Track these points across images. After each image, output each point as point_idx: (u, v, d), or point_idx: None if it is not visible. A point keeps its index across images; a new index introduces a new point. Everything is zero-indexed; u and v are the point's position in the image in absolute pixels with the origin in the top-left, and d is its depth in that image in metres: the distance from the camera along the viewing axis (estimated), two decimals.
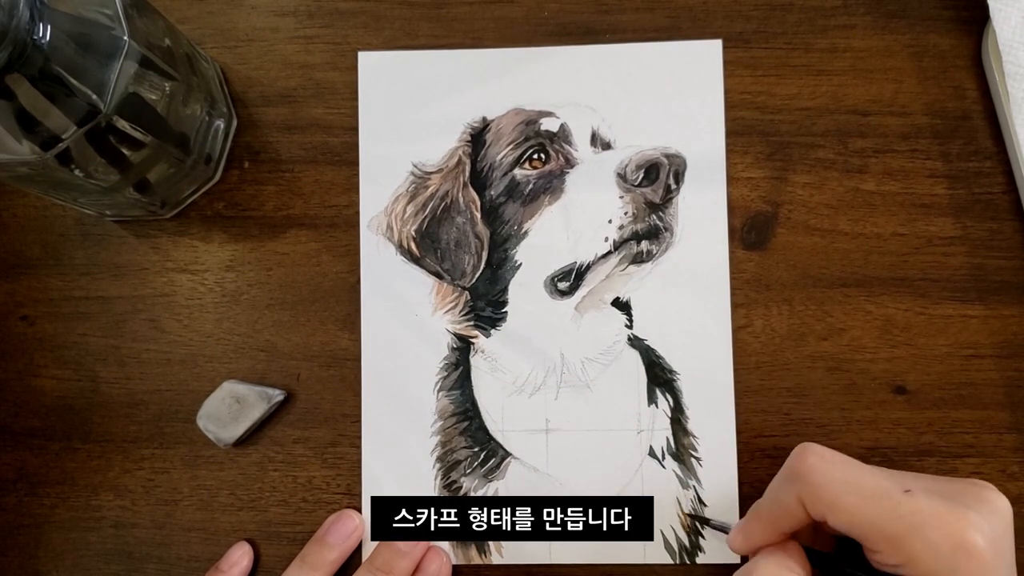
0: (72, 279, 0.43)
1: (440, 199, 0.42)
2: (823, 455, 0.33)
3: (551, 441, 0.41)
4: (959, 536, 0.29)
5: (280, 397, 0.42)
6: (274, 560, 0.42)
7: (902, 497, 0.31)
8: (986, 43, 0.41)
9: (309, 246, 0.43)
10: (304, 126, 0.43)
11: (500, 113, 0.42)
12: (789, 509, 0.33)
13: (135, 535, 0.42)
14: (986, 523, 0.30)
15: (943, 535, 0.30)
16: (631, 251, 0.41)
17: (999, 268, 0.41)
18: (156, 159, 0.38)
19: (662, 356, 0.41)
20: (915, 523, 0.30)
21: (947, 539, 0.30)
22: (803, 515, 0.33)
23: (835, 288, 0.41)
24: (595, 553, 0.41)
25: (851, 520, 0.31)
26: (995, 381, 0.41)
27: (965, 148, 0.42)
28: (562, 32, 0.43)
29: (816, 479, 0.32)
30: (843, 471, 0.32)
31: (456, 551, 0.41)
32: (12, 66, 0.30)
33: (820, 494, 0.32)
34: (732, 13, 0.43)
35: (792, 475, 0.33)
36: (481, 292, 0.42)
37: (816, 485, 0.32)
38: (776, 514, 0.34)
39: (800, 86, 0.42)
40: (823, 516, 0.32)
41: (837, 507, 0.32)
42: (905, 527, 0.30)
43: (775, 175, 0.42)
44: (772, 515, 0.35)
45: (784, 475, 0.34)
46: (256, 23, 0.44)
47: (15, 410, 0.43)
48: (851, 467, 0.33)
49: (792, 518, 0.33)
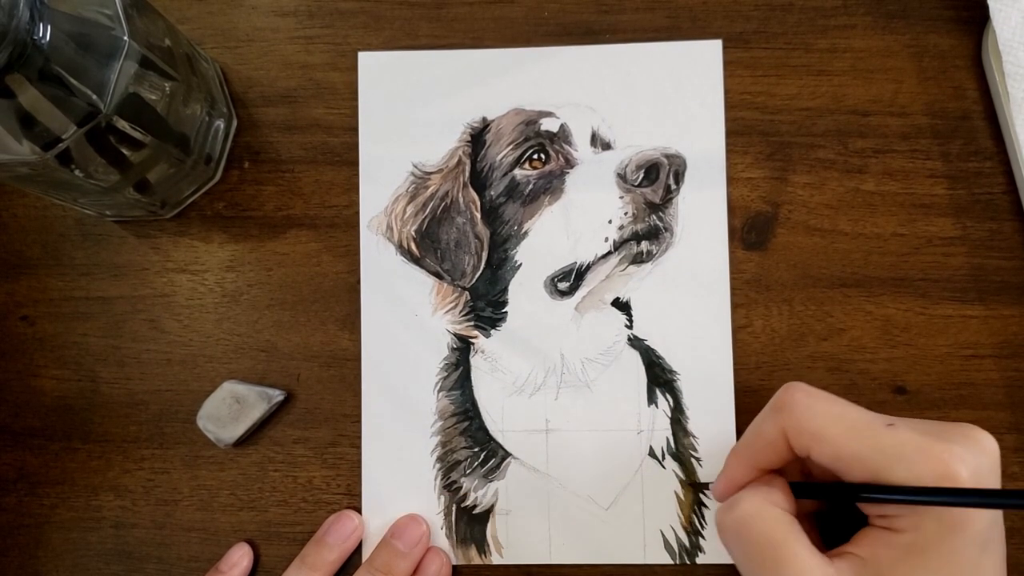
0: (72, 279, 0.43)
1: (440, 199, 0.42)
2: (808, 390, 0.33)
3: (551, 441, 0.41)
4: (942, 467, 0.29)
5: (280, 397, 0.42)
6: (274, 560, 0.42)
7: (886, 429, 0.31)
8: (986, 43, 0.41)
9: (309, 246, 0.43)
10: (304, 126, 0.43)
11: (500, 113, 0.42)
12: (771, 442, 0.33)
13: (135, 535, 0.42)
14: (971, 456, 0.29)
15: (926, 466, 0.29)
16: (631, 251, 0.41)
17: (999, 268, 0.41)
18: (156, 159, 0.38)
19: (662, 356, 0.41)
20: (898, 454, 0.30)
21: (930, 470, 0.29)
22: (785, 449, 0.33)
23: (835, 288, 0.41)
24: (595, 553, 0.41)
25: (835, 452, 0.31)
26: (995, 381, 0.41)
27: (965, 148, 0.42)
28: (562, 32, 0.43)
29: (801, 411, 0.32)
30: (828, 404, 0.32)
31: (456, 551, 0.41)
32: (12, 66, 0.30)
33: (805, 425, 0.32)
34: (732, 13, 0.43)
35: (777, 408, 0.33)
36: (481, 292, 0.42)
37: (801, 417, 0.32)
38: (756, 448, 0.34)
39: (800, 86, 0.42)
40: (807, 449, 0.32)
41: (822, 438, 0.31)
42: (888, 458, 0.30)
43: (775, 175, 0.42)
44: (752, 450, 0.34)
45: (768, 409, 0.34)
46: (256, 23, 0.44)
47: (15, 410, 0.43)
48: (836, 401, 0.32)
49: (773, 452, 0.33)
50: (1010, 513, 0.40)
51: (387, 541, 0.40)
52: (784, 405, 0.32)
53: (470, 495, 0.41)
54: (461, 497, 0.41)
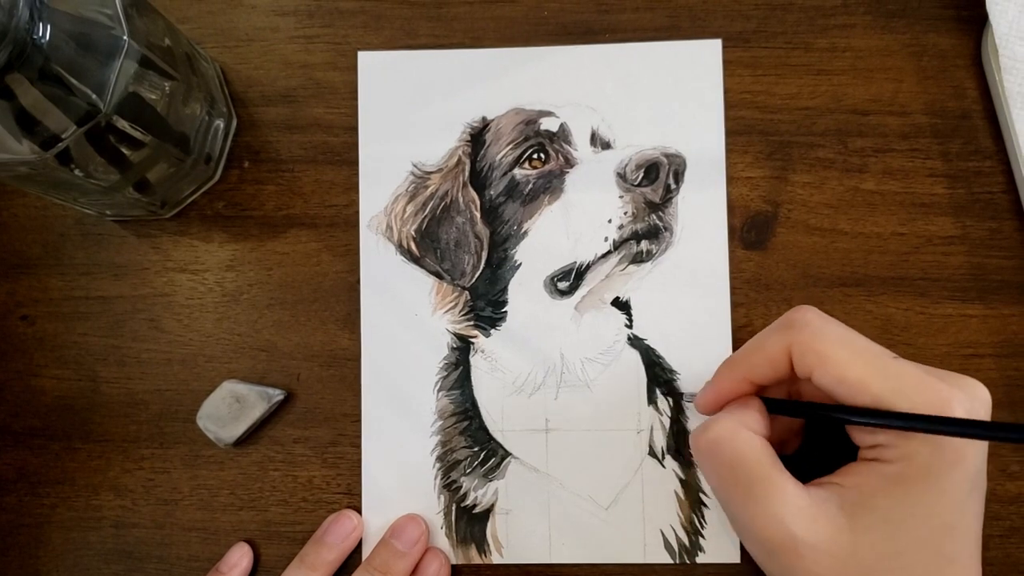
0: (72, 279, 0.43)
1: (440, 199, 0.42)
2: (820, 313, 0.33)
3: (551, 441, 0.41)
4: (941, 405, 0.29)
5: (280, 397, 0.42)
6: (274, 560, 0.42)
7: (891, 360, 0.31)
8: (986, 43, 0.41)
9: (309, 246, 0.43)
10: (304, 126, 0.43)
11: (500, 113, 0.42)
12: (771, 357, 0.33)
13: (135, 535, 0.42)
14: (968, 401, 0.30)
15: (926, 400, 0.29)
16: (631, 251, 0.41)
17: (999, 268, 0.41)
18: (156, 159, 0.38)
19: (662, 356, 0.41)
20: (901, 385, 0.30)
21: (930, 405, 0.29)
22: (784, 366, 0.33)
23: (835, 288, 0.41)
24: (595, 553, 0.41)
25: (839, 374, 0.31)
26: (995, 381, 0.41)
27: (965, 148, 0.42)
28: (562, 32, 0.43)
29: (813, 331, 0.32)
30: (839, 328, 0.32)
31: (456, 551, 0.41)
32: (12, 66, 0.30)
33: (813, 344, 0.32)
34: (732, 13, 0.43)
35: (786, 324, 0.33)
36: (481, 292, 0.42)
37: (812, 336, 0.32)
38: (753, 361, 0.34)
39: (800, 86, 0.42)
40: (809, 369, 0.32)
41: (828, 359, 0.31)
42: (891, 387, 0.30)
43: (775, 175, 0.42)
44: (750, 363, 0.34)
45: (775, 326, 0.34)
46: (256, 23, 0.44)
47: (15, 410, 0.43)
48: (847, 329, 0.33)
49: (770, 367, 0.33)
50: (1010, 512, 0.40)
51: (386, 541, 0.40)
52: (795, 323, 0.32)
53: (470, 495, 0.41)
54: (461, 497, 0.41)
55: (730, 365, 0.35)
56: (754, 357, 0.34)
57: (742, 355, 0.35)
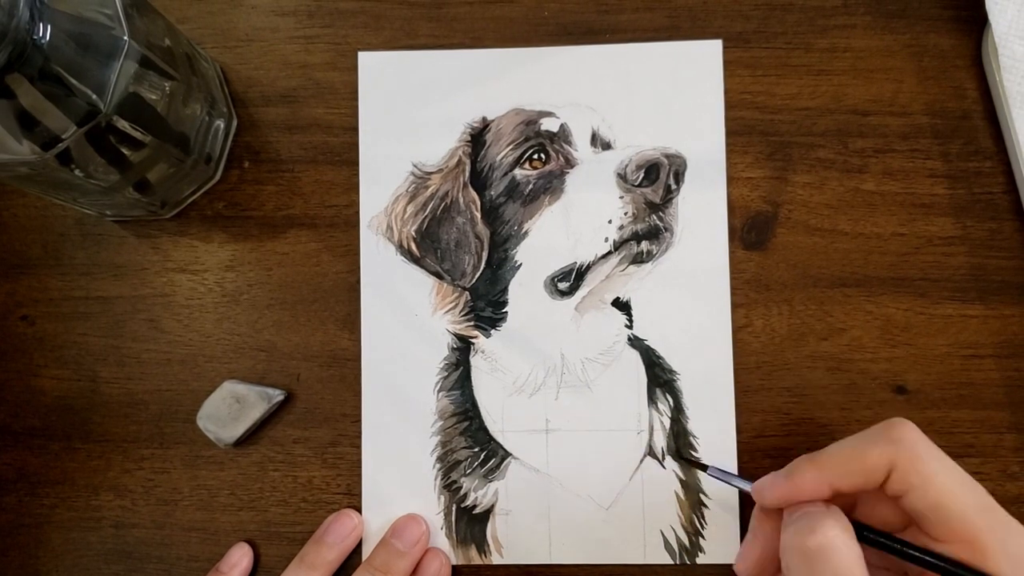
0: (72, 279, 0.43)
1: (440, 199, 0.42)
2: (923, 435, 0.32)
3: (551, 441, 0.41)
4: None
5: (280, 397, 0.42)
6: (274, 560, 0.42)
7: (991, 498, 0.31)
8: (986, 43, 0.41)
9: (309, 246, 0.43)
10: (304, 126, 0.43)
11: (500, 113, 0.42)
12: (868, 467, 0.31)
13: (135, 535, 0.42)
14: None
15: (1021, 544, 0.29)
16: (631, 251, 0.41)
17: (999, 268, 0.41)
18: (156, 159, 0.38)
19: (662, 356, 0.41)
20: (1001, 523, 0.30)
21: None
22: (878, 481, 0.31)
23: (835, 288, 0.41)
24: (595, 553, 0.41)
25: (939, 500, 0.30)
26: (995, 381, 0.41)
27: (965, 148, 0.42)
28: (562, 32, 0.43)
29: (919, 450, 0.31)
30: (942, 454, 0.32)
31: (456, 551, 0.41)
32: (12, 66, 0.30)
33: (918, 465, 0.31)
34: (732, 13, 0.43)
35: (890, 439, 0.32)
36: (481, 292, 0.42)
37: (917, 455, 0.31)
38: (849, 469, 0.32)
39: (800, 86, 0.42)
40: (907, 488, 0.31)
41: (932, 483, 0.30)
42: (989, 524, 0.30)
43: (775, 175, 0.42)
44: (844, 469, 0.32)
45: (875, 436, 0.32)
46: (256, 23, 0.44)
47: (15, 410, 0.43)
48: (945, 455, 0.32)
49: (862, 478, 0.32)
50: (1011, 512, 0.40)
51: (386, 540, 0.40)
52: (900, 439, 0.32)
53: (470, 495, 0.41)
54: (461, 497, 0.41)
55: (817, 465, 0.33)
56: (850, 464, 0.32)
57: (835, 460, 0.33)
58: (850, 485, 0.32)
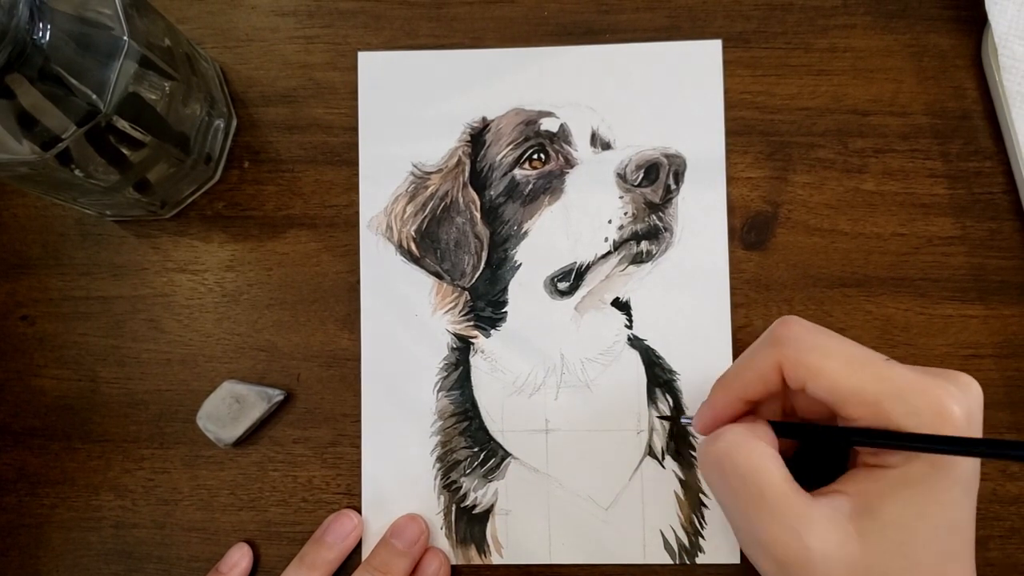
0: (72, 279, 0.43)
1: (440, 199, 0.42)
2: (805, 324, 0.33)
3: (551, 441, 0.41)
4: (938, 403, 0.30)
5: (280, 397, 0.42)
6: (274, 560, 0.42)
7: (884, 364, 0.31)
8: (986, 43, 0.41)
9: (309, 246, 0.43)
10: (304, 126, 0.43)
11: (500, 113, 0.42)
12: (763, 374, 0.33)
13: (135, 535, 0.42)
14: (963, 397, 0.30)
15: (924, 400, 0.30)
16: (631, 251, 0.41)
17: (999, 268, 0.41)
18: (156, 159, 0.38)
19: (662, 356, 0.41)
20: (897, 387, 0.30)
21: (927, 405, 0.30)
22: (776, 382, 0.32)
23: (835, 288, 0.41)
24: (595, 553, 0.41)
25: (833, 385, 0.31)
26: (995, 381, 0.41)
27: (965, 148, 0.42)
28: (562, 32, 0.43)
29: (801, 344, 0.32)
30: (827, 338, 0.32)
31: (456, 551, 0.41)
32: (12, 66, 0.30)
33: (803, 359, 0.31)
34: (732, 13, 0.43)
35: (773, 340, 0.33)
36: (481, 292, 0.42)
37: (800, 350, 0.32)
38: (747, 380, 0.33)
39: (800, 86, 0.42)
40: (802, 382, 0.32)
41: (820, 372, 0.31)
42: (887, 390, 0.30)
43: (775, 175, 0.42)
44: (742, 382, 0.34)
45: (762, 341, 0.33)
46: (256, 23, 0.44)
47: (15, 410, 0.43)
48: (833, 336, 0.32)
49: (763, 384, 0.33)
50: (1010, 513, 0.40)
51: (386, 540, 0.40)
52: (781, 337, 0.32)
53: (470, 495, 0.41)
54: (461, 497, 0.41)
55: (723, 385, 0.35)
56: (747, 375, 0.34)
57: (734, 374, 0.34)
58: (756, 394, 0.33)
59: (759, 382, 0.33)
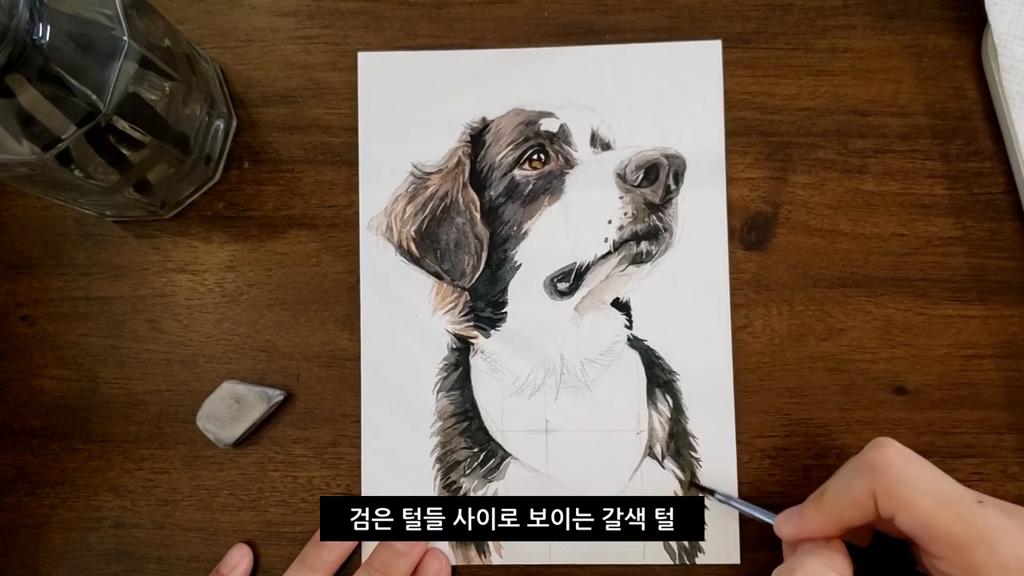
0: (72, 279, 0.43)
1: (440, 199, 0.42)
2: (902, 451, 0.32)
3: (551, 441, 0.41)
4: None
5: (280, 397, 0.42)
6: (274, 560, 0.42)
7: (977, 507, 0.31)
8: (986, 43, 0.41)
9: (309, 246, 0.43)
10: (304, 126, 0.43)
11: (500, 113, 0.42)
12: (858, 501, 0.32)
13: (135, 535, 0.42)
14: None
15: (1012, 551, 0.30)
16: (631, 251, 0.41)
17: (999, 268, 0.41)
18: (156, 159, 0.38)
19: (662, 356, 0.41)
20: (987, 534, 0.30)
21: (1016, 556, 0.30)
22: (871, 510, 0.32)
23: (835, 288, 0.41)
24: (595, 553, 0.41)
25: (923, 522, 0.31)
26: (995, 381, 0.41)
27: (965, 148, 0.42)
28: (562, 32, 0.43)
29: (895, 474, 0.32)
30: (922, 471, 0.32)
31: (455, 552, 0.41)
32: (12, 66, 0.30)
33: (897, 491, 0.31)
34: (732, 13, 0.43)
35: (868, 468, 0.32)
36: (481, 292, 0.42)
37: (895, 480, 0.31)
38: (841, 506, 0.33)
39: (800, 86, 0.42)
40: (893, 513, 0.31)
41: (912, 506, 0.31)
42: (976, 536, 0.30)
43: (775, 175, 0.42)
44: (837, 506, 0.33)
45: (857, 466, 0.33)
46: (256, 23, 0.44)
47: (15, 410, 0.43)
48: (929, 469, 0.32)
49: (858, 511, 0.33)
50: None
51: (386, 541, 0.40)
52: (876, 468, 0.32)
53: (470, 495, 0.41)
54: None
55: (820, 506, 0.34)
56: (842, 501, 0.33)
57: (831, 498, 0.34)
58: (852, 519, 0.33)
59: (855, 509, 0.33)
